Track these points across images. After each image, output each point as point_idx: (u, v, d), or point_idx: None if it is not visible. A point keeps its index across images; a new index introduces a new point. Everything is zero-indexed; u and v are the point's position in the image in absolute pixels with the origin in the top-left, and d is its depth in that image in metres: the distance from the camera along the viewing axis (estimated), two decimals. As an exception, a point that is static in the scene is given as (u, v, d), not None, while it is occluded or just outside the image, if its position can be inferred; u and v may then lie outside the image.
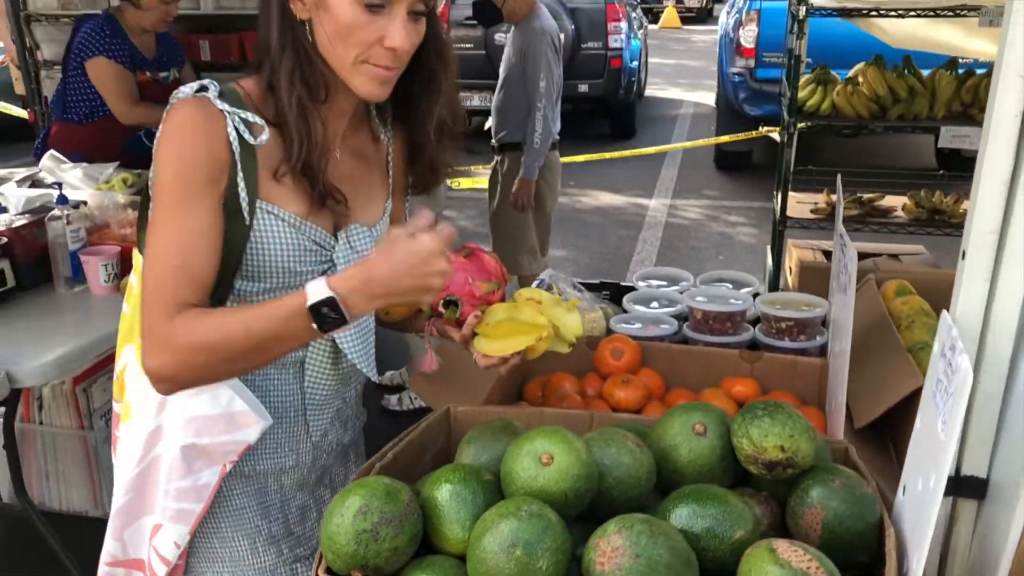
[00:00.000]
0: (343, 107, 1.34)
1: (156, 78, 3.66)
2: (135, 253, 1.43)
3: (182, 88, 1.25)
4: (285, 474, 1.44)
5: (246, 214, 1.24)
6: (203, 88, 1.24)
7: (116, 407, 1.48)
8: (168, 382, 1.23)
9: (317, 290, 1.15)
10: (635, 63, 9.81)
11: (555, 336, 1.41)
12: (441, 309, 1.40)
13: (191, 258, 1.21)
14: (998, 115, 1.00)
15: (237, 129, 1.22)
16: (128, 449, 1.38)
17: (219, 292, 1.28)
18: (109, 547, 1.42)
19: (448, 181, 1.59)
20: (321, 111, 1.28)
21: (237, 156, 1.23)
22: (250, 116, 1.24)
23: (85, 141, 3.61)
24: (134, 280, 1.43)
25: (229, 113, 1.22)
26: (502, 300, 1.43)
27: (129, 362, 1.41)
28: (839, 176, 1.97)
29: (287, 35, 1.25)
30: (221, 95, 1.23)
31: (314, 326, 1.16)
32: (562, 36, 8.54)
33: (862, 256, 3.02)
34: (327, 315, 1.15)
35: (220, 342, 1.19)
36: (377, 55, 1.25)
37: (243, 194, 1.24)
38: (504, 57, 4.10)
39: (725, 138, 7.41)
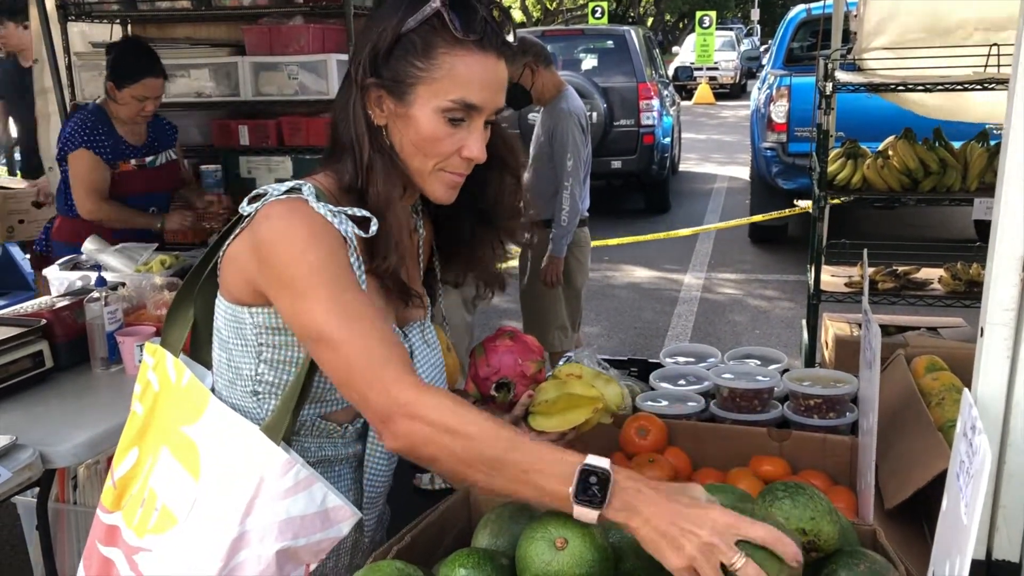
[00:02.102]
0: (409, 202, 1.38)
1: (142, 164, 3.67)
2: (151, 349, 1.41)
3: (270, 188, 1.26)
4: None
5: None
6: (294, 189, 1.25)
7: (110, 518, 1.39)
8: (408, 451, 1.15)
9: (598, 460, 1.05)
10: (668, 139, 9.92)
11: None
12: (493, 393, 1.42)
13: (384, 331, 1.19)
14: (1008, 192, 1.00)
15: (343, 228, 1.23)
16: (183, 561, 1.27)
17: (303, 393, 1.28)
18: None
19: None
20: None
21: (355, 250, 1.25)
22: (356, 211, 1.25)
23: (83, 233, 3.55)
24: (153, 378, 1.39)
25: (336, 212, 1.24)
26: (544, 378, 1.45)
27: (155, 467, 1.34)
28: (865, 251, 1.96)
29: (374, 139, 1.29)
30: (316, 196, 1.24)
31: (568, 489, 1.04)
32: (593, 115, 8.72)
33: (900, 329, 2.99)
34: (590, 484, 1.03)
35: (473, 434, 1.10)
36: (454, 164, 1.29)
37: (363, 287, 1.25)
38: (534, 136, 4.18)
39: (758, 218, 7.41)
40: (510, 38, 1.29)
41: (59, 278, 3.17)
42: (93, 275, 2.91)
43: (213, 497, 1.27)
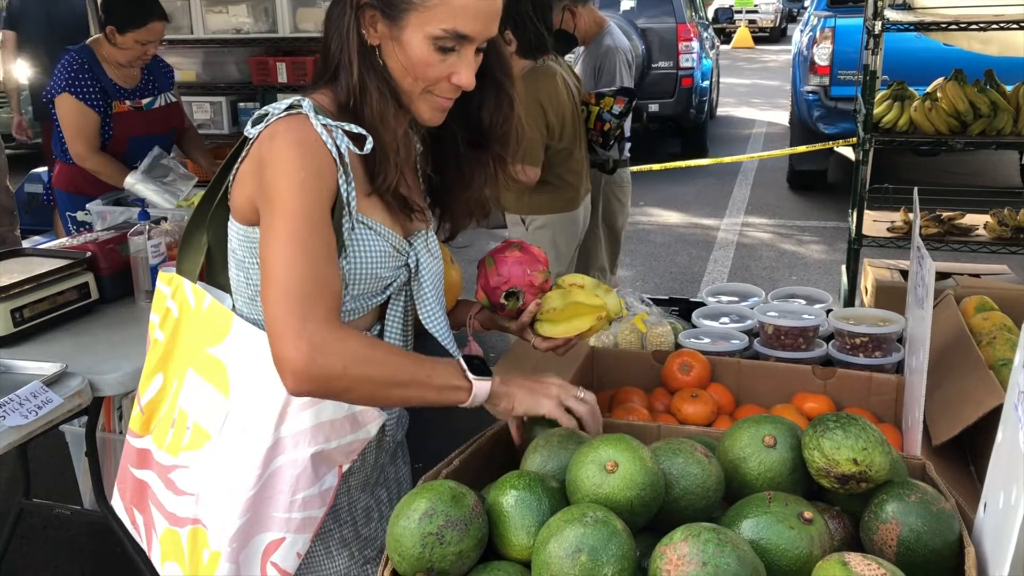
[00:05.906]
0: (405, 118, 1.38)
1: (139, 106, 3.51)
2: (166, 278, 1.46)
3: (272, 108, 1.28)
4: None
5: (346, 226, 1.28)
6: (293, 106, 1.26)
7: (140, 443, 1.46)
8: (320, 388, 1.21)
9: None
10: (706, 82, 9.74)
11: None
12: (503, 301, 1.48)
13: (326, 273, 1.22)
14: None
15: (338, 144, 1.25)
16: (221, 473, 1.35)
17: None
18: (224, 571, 1.35)
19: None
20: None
21: (345, 169, 1.26)
22: (352, 127, 1.27)
23: (81, 183, 3.50)
24: (172, 305, 1.44)
25: (333, 127, 1.26)
26: (550, 287, 1.51)
27: (182, 388, 1.40)
28: (915, 190, 1.92)
29: (366, 58, 1.30)
30: (315, 112, 1.26)
31: (465, 373, 1.29)
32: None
33: (941, 275, 2.95)
34: (475, 365, 1.30)
35: (383, 359, 1.24)
36: (442, 88, 1.31)
37: (352, 206, 1.28)
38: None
39: (801, 148, 7.26)
40: None
41: (102, 212, 3.21)
42: (136, 209, 2.94)
43: (245, 411, 1.34)
